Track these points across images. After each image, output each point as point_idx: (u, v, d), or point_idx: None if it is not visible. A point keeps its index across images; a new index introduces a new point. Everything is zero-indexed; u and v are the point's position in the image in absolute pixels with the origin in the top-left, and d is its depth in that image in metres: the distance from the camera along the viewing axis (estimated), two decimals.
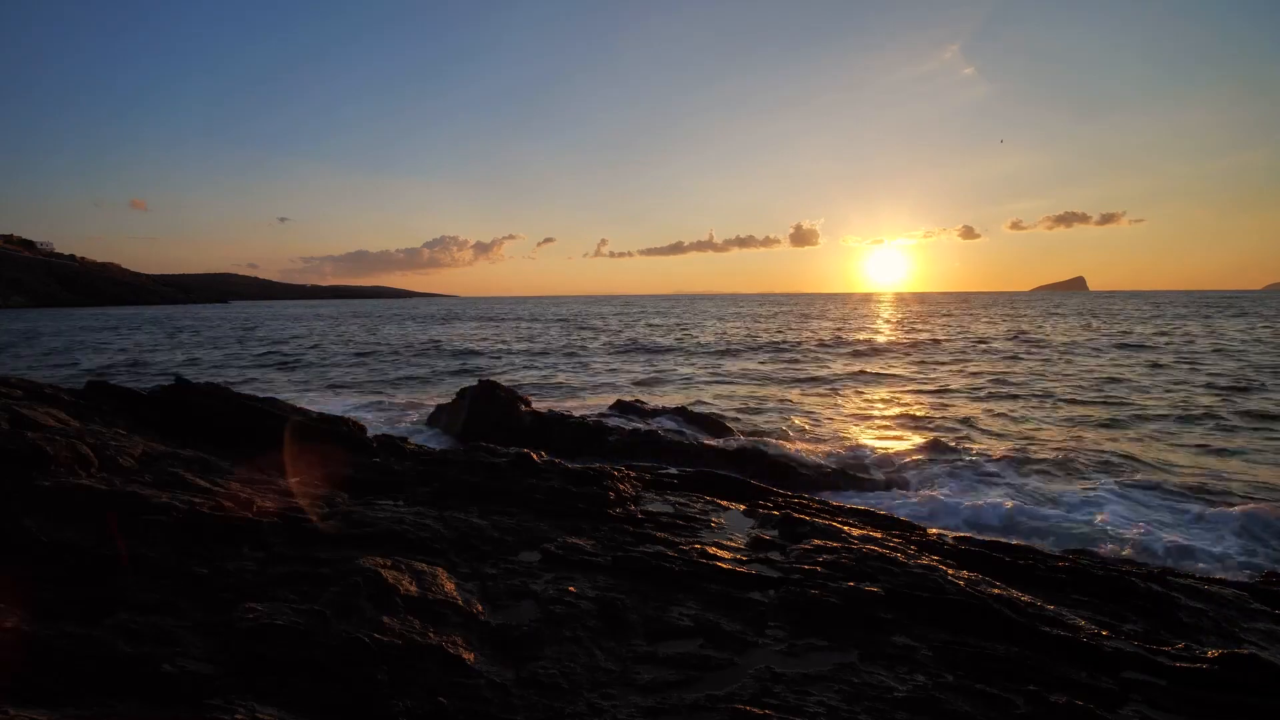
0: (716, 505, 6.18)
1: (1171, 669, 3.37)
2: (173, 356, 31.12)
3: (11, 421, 5.35)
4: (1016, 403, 17.44)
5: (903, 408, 17.01)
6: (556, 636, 3.36)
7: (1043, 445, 12.46)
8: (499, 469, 6.28)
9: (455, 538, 4.57)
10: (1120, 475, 10.29)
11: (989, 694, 3.02)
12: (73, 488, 4.18)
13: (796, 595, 3.92)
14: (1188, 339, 35.66)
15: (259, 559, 3.87)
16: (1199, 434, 13.56)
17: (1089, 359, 26.65)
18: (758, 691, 2.97)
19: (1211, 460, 11.53)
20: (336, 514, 4.71)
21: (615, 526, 5.19)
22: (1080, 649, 3.51)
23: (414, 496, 5.65)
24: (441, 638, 3.14)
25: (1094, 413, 15.87)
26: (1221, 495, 9.25)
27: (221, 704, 2.46)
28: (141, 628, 2.92)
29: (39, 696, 2.42)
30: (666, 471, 7.71)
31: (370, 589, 3.39)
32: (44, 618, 2.88)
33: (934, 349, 31.87)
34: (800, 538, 5.01)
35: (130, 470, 5.01)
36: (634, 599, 3.83)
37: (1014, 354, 28.87)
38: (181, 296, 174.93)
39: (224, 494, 4.64)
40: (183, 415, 7.45)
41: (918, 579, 4.09)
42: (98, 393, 7.80)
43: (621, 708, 2.84)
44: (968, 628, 3.68)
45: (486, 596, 3.77)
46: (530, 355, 31.63)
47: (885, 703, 2.92)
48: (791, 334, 42.75)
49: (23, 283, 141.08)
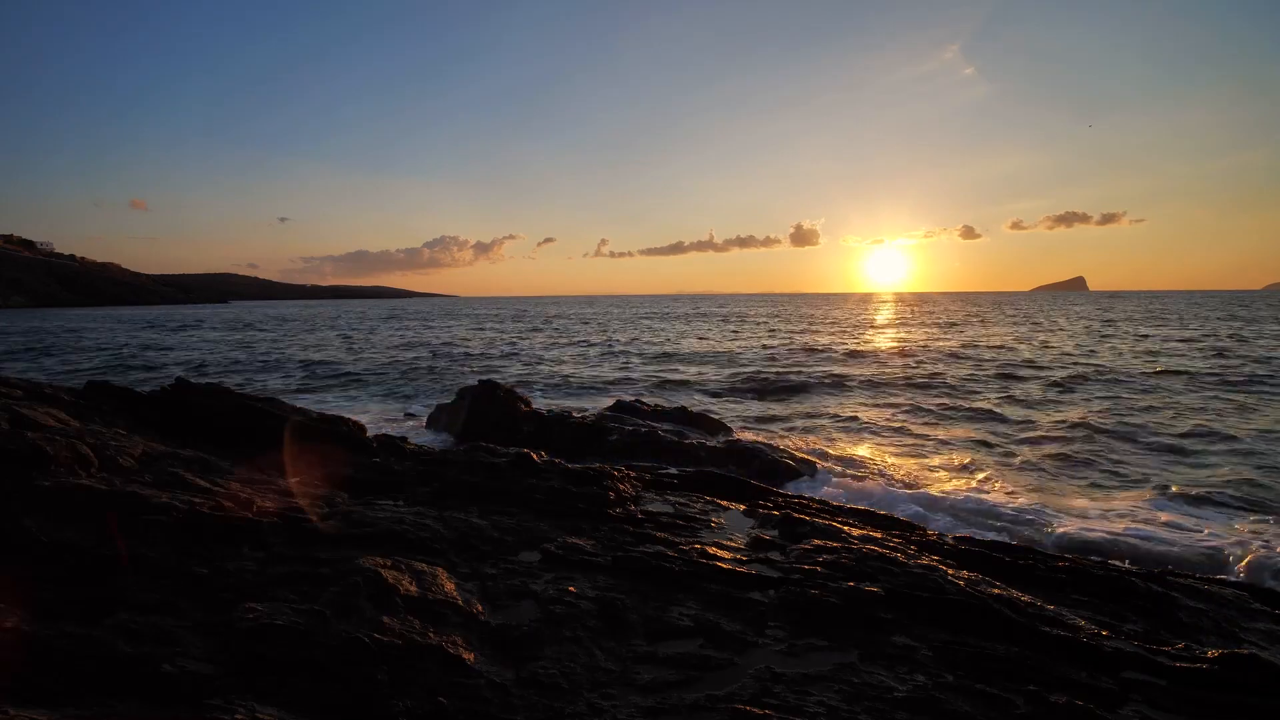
0: (716, 505, 6.18)
1: (1171, 669, 3.37)
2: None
3: (11, 421, 5.35)
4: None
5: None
6: (556, 636, 3.36)
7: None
8: (499, 469, 6.28)
9: (455, 538, 4.57)
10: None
11: (989, 694, 3.02)
12: (73, 488, 4.18)
13: (796, 595, 3.92)
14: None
15: (259, 559, 3.87)
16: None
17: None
18: (758, 691, 2.97)
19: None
20: (336, 514, 4.71)
21: (615, 526, 5.19)
22: (1080, 649, 3.51)
23: (414, 496, 5.65)
24: (441, 638, 3.14)
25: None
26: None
27: (221, 704, 2.46)
28: (141, 628, 2.92)
29: (39, 696, 2.43)
30: (666, 471, 7.71)
31: (370, 589, 3.39)
32: (44, 618, 2.88)
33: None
34: (800, 538, 5.01)
35: (130, 470, 5.01)
36: (634, 599, 3.83)
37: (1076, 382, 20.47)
38: (181, 296, 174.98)
39: (224, 494, 4.64)
40: (183, 415, 7.45)
41: (918, 579, 4.09)
42: (98, 393, 7.80)
43: (621, 708, 2.84)
44: (968, 628, 3.68)
45: (486, 596, 3.77)
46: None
47: (885, 703, 2.92)
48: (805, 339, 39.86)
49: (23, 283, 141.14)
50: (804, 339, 39.36)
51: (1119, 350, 30.12)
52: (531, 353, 32.67)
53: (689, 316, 73.64)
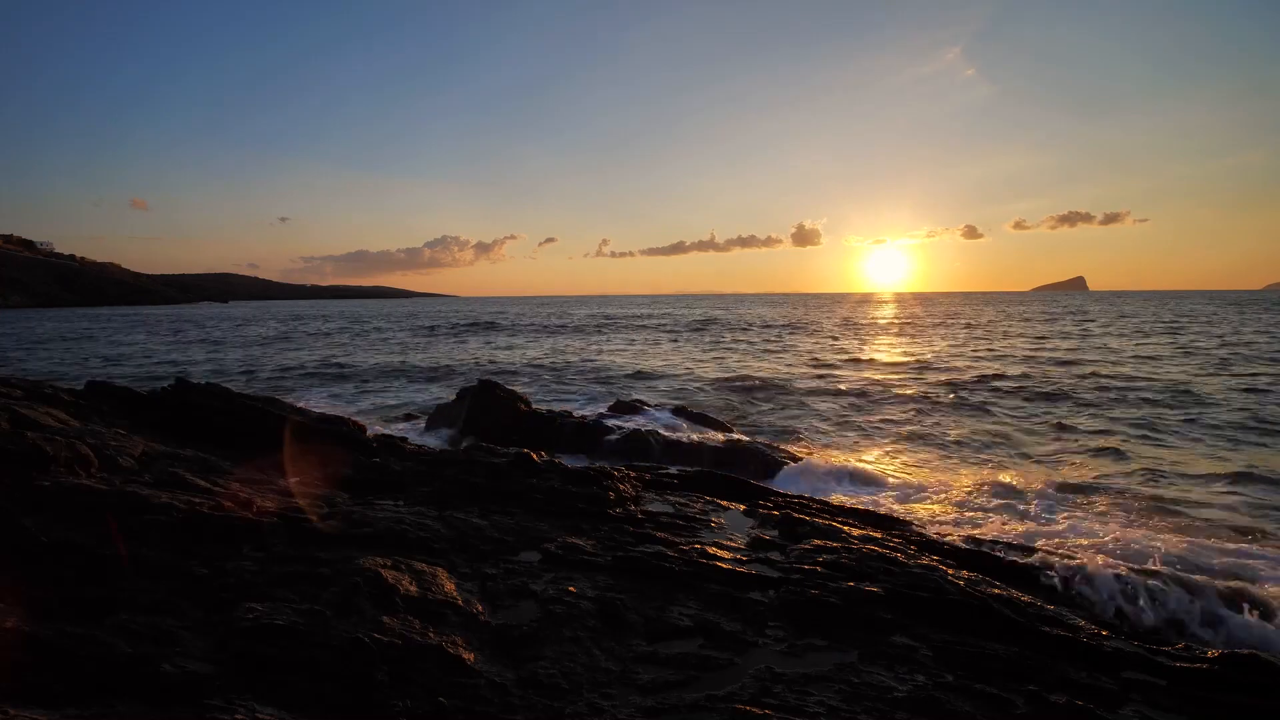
0: (716, 505, 6.18)
1: (1171, 669, 3.37)
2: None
3: (11, 421, 5.35)
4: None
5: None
6: (556, 636, 3.36)
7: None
8: (499, 469, 6.28)
9: (455, 538, 4.57)
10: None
11: (989, 694, 3.02)
12: (73, 488, 4.18)
13: (796, 595, 3.92)
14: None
15: (259, 559, 3.86)
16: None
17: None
18: (758, 691, 2.97)
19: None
20: (336, 514, 4.71)
21: (615, 526, 5.19)
22: (1080, 649, 3.51)
23: (414, 496, 5.65)
24: (441, 638, 3.14)
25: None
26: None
27: (221, 704, 2.46)
28: (141, 628, 2.92)
29: (39, 696, 2.42)
30: (666, 471, 7.70)
31: (370, 589, 3.39)
32: (44, 618, 2.88)
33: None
34: (800, 538, 5.01)
35: (130, 470, 5.01)
36: (634, 599, 3.83)
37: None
38: (181, 296, 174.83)
39: (224, 494, 4.64)
40: (183, 415, 7.45)
41: (918, 579, 4.08)
42: (98, 393, 7.81)
43: (621, 707, 2.84)
44: (968, 628, 3.68)
45: (486, 596, 3.77)
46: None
47: (885, 703, 2.92)
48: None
49: (23, 283, 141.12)
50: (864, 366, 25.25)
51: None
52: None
53: (732, 324, 54.99)
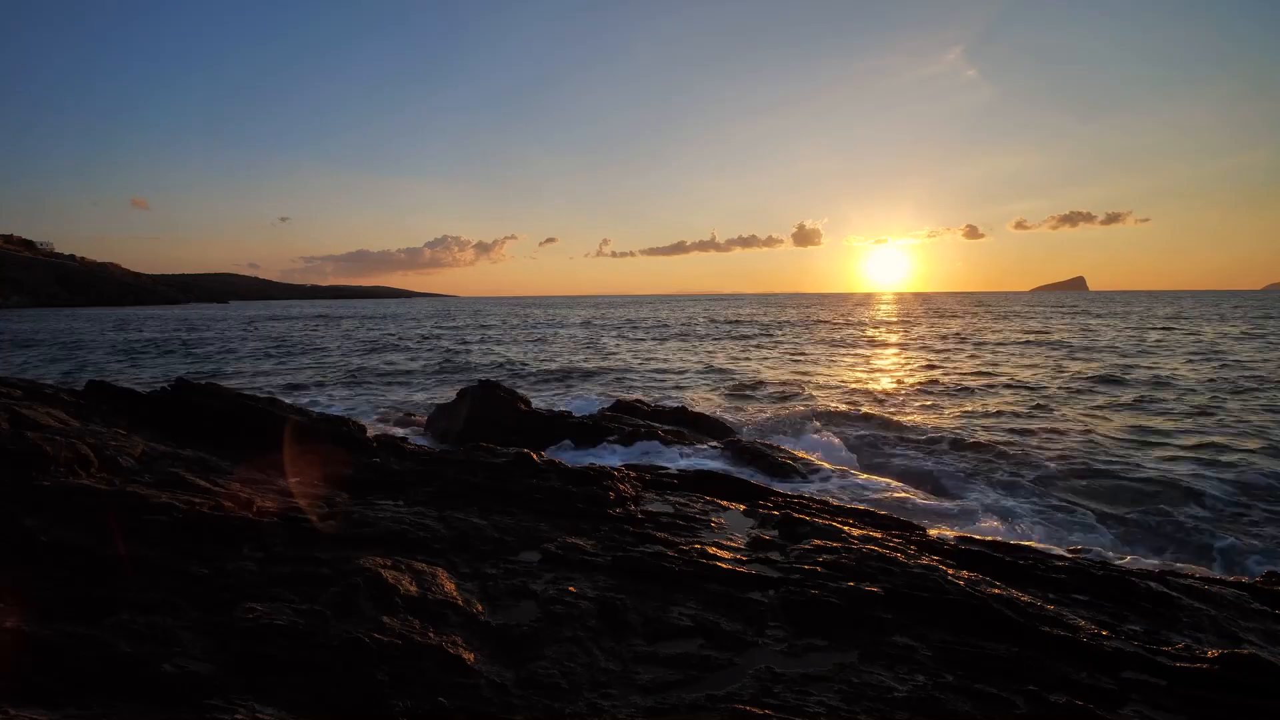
0: (716, 505, 6.18)
1: (1172, 669, 3.37)
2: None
3: (11, 421, 5.36)
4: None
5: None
6: (556, 636, 3.36)
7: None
8: (499, 469, 6.28)
9: (455, 538, 4.57)
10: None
11: (989, 694, 3.02)
12: (73, 488, 4.18)
13: (796, 595, 3.92)
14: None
15: (259, 559, 3.87)
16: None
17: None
18: (758, 691, 2.97)
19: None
20: (336, 514, 4.71)
21: (615, 526, 5.19)
22: (1080, 649, 3.51)
23: (414, 496, 5.65)
24: (441, 638, 3.14)
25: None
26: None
27: (221, 704, 2.46)
28: (141, 628, 2.92)
29: (39, 696, 2.43)
30: (666, 471, 7.70)
31: (370, 589, 3.39)
32: (44, 618, 2.88)
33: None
34: (800, 538, 5.01)
35: (130, 470, 5.01)
36: (634, 599, 3.83)
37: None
38: (182, 296, 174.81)
39: (224, 494, 4.64)
40: (183, 415, 7.45)
41: (918, 579, 4.08)
42: (98, 393, 7.81)
43: (621, 708, 2.84)
44: (968, 628, 3.68)
45: (486, 596, 3.77)
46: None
47: (885, 703, 2.92)
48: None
49: (23, 283, 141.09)
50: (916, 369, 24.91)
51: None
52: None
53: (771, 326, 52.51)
